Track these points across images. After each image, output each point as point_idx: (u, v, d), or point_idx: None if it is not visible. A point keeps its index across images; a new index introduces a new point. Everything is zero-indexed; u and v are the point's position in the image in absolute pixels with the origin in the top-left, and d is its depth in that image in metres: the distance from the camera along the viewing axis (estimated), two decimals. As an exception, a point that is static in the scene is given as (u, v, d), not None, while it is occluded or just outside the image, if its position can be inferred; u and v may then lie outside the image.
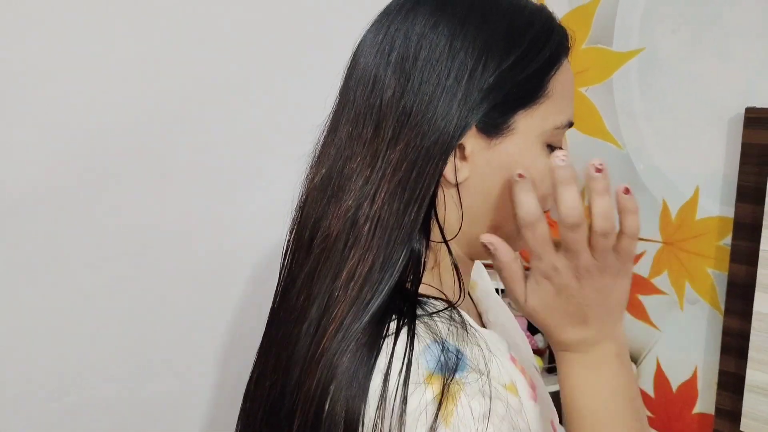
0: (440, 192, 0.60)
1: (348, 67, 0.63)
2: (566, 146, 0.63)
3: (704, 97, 1.35)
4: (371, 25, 0.62)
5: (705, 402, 1.43)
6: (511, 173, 0.56)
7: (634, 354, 1.54)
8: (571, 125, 0.62)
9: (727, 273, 1.34)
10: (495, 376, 0.53)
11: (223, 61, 1.12)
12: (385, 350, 0.53)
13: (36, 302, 0.98)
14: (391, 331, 0.54)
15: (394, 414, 0.50)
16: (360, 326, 0.54)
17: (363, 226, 0.56)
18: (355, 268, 0.56)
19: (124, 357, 1.09)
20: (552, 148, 0.60)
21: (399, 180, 0.56)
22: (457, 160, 0.58)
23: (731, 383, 1.35)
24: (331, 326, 0.55)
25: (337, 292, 0.56)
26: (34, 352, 1.00)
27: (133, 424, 1.11)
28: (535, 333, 1.68)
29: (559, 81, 0.60)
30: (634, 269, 1.50)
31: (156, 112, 1.05)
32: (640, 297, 1.51)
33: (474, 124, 0.57)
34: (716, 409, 1.38)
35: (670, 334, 1.48)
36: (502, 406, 0.52)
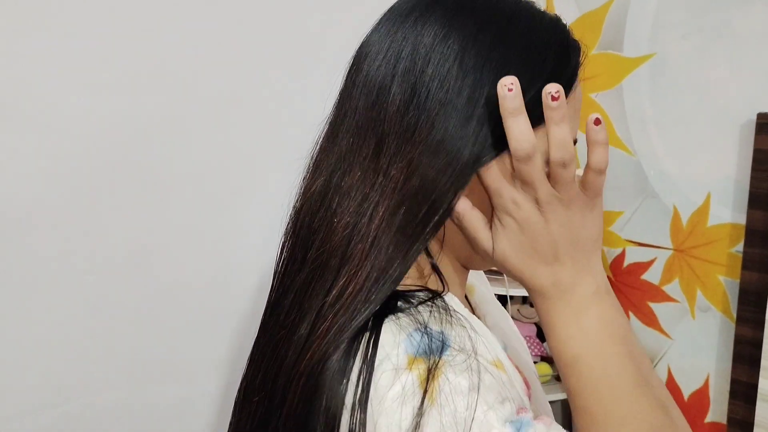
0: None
1: (351, 70, 0.60)
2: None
3: (715, 103, 1.34)
4: (377, 25, 0.60)
5: (717, 411, 1.42)
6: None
7: (645, 362, 1.53)
8: (575, 143, 0.60)
9: (738, 280, 1.33)
10: (481, 353, 0.52)
11: (220, 71, 1.11)
12: (361, 349, 0.52)
13: (37, 310, 0.98)
14: (383, 338, 0.53)
15: (373, 405, 0.50)
16: (344, 338, 0.53)
17: (357, 245, 0.55)
18: (346, 287, 0.54)
19: (125, 364, 1.09)
20: None
21: (400, 201, 0.54)
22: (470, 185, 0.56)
23: (743, 392, 1.33)
24: (315, 343, 0.53)
25: (325, 309, 0.55)
26: (34, 359, 1.00)
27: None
28: (543, 341, 1.67)
29: (572, 100, 0.58)
30: (645, 277, 1.49)
31: (154, 122, 1.05)
32: (651, 304, 1.50)
33: (494, 153, 0.55)
34: (728, 418, 1.36)
35: (682, 342, 1.46)
36: (489, 378, 0.51)
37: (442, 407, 0.48)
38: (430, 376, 0.49)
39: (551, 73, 0.56)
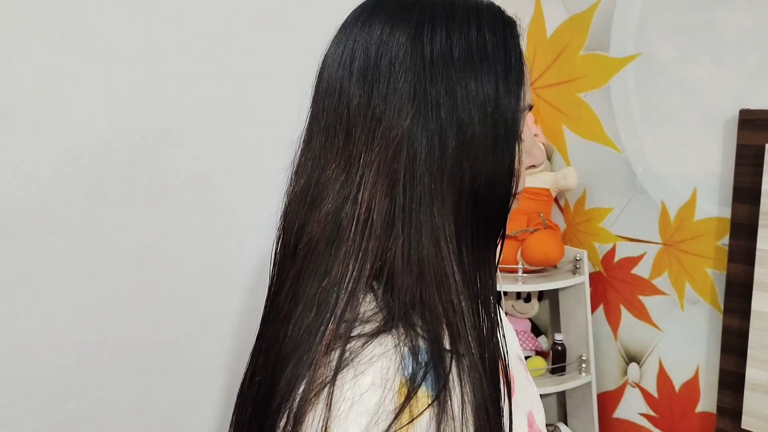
0: None
1: (316, 82, 0.65)
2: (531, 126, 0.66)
3: (699, 101, 1.38)
4: (331, 40, 0.65)
5: (707, 401, 1.45)
6: None
7: (637, 354, 1.56)
8: (531, 108, 0.65)
9: (725, 272, 1.36)
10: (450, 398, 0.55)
11: (219, 79, 1.15)
12: (368, 355, 0.55)
13: (43, 309, 1.01)
14: (380, 339, 0.55)
15: (342, 409, 0.53)
16: (350, 326, 0.56)
17: (348, 227, 0.58)
18: (346, 267, 0.57)
19: (132, 361, 1.11)
20: None
21: (384, 179, 0.58)
22: None
23: (732, 381, 1.37)
24: (323, 326, 0.56)
25: (326, 293, 0.58)
26: (42, 357, 1.02)
27: (136, 429, 1.14)
28: (538, 335, 1.71)
29: (526, 67, 0.64)
30: (635, 271, 1.53)
31: (156, 128, 1.08)
32: (641, 298, 1.54)
33: None
34: (718, 407, 1.40)
35: (672, 334, 1.50)
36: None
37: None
38: (404, 405, 0.52)
39: (497, 50, 0.61)
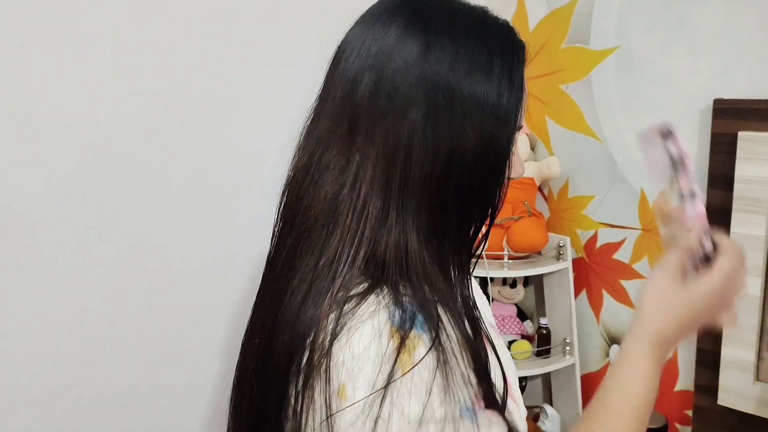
0: None
1: (331, 65, 0.70)
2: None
3: (676, 91, 1.44)
4: (354, 26, 0.69)
5: (685, 379, 1.52)
6: None
7: (619, 336, 1.63)
8: (520, 129, 0.70)
9: (701, 256, 1.42)
10: (445, 330, 0.61)
11: (216, 75, 1.17)
12: (359, 316, 0.60)
13: (46, 302, 1.03)
14: (368, 300, 0.61)
15: (345, 357, 0.59)
16: (345, 295, 0.62)
17: (344, 212, 0.64)
18: (342, 250, 0.63)
19: (132, 351, 1.14)
20: None
21: (381, 173, 0.63)
22: None
23: (708, 360, 1.43)
24: (320, 298, 0.62)
25: (322, 270, 0.63)
26: (45, 348, 1.04)
27: (136, 418, 1.17)
28: (524, 319, 1.76)
29: (526, 91, 0.69)
30: (616, 256, 1.59)
31: (155, 123, 1.11)
32: (622, 282, 1.59)
33: None
34: (695, 385, 1.46)
35: (651, 316, 1.56)
36: (452, 360, 0.60)
37: (410, 378, 0.57)
38: (401, 347, 0.58)
39: (503, 72, 0.66)
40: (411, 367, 0.57)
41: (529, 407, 1.60)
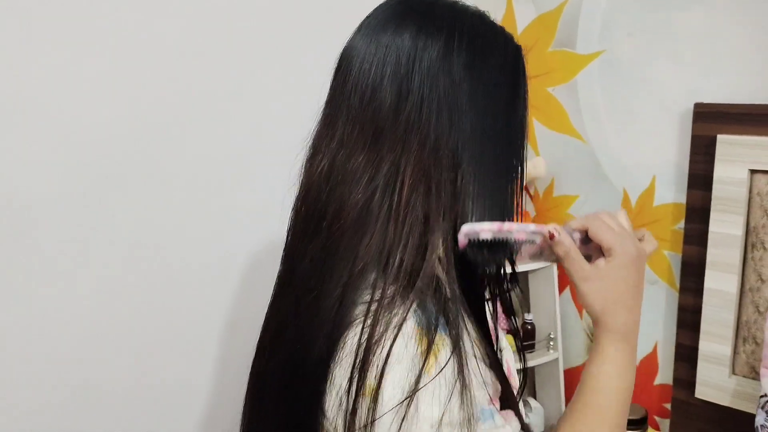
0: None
1: (339, 72, 0.70)
2: None
3: (657, 95, 1.49)
4: (357, 33, 0.70)
5: (664, 373, 1.56)
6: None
7: (601, 332, 1.67)
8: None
9: (681, 254, 1.47)
10: (466, 330, 0.64)
11: (216, 74, 1.19)
12: (390, 323, 0.62)
13: (44, 297, 1.04)
14: (397, 305, 0.62)
15: (377, 359, 0.61)
16: (377, 301, 0.63)
17: (377, 218, 0.64)
18: (374, 255, 0.64)
19: (129, 347, 1.15)
20: None
21: (422, 180, 0.64)
22: None
23: (687, 355, 1.48)
24: (353, 304, 0.63)
25: (355, 275, 0.64)
26: (43, 342, 1.05)
27: (129, 413, 1.18)
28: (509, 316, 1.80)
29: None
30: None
31: (157, 121, 1.12)
32: (604, 279, 1.64)
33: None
34: (674, 379, 1.51)
35: (633, 313, 1.60)
36: (472, 362, 0.63)
37: (437, 380, 0.60)
38: (429, 350, 0.60)
39: (513, 77, 0.69)
40: (437, 370, 0.60)
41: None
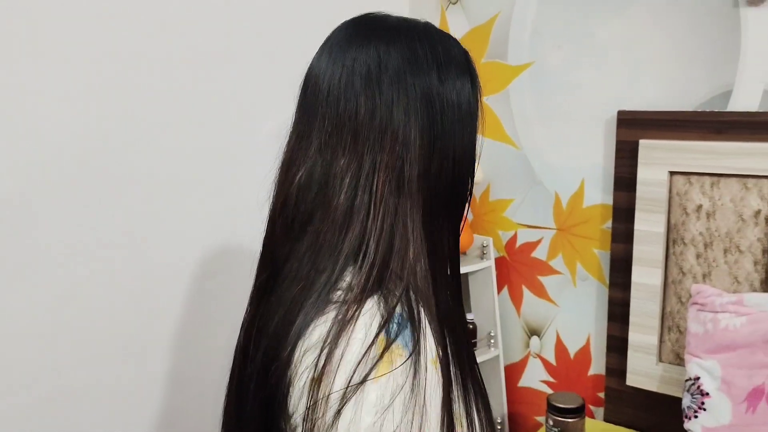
0: None
1: (308, 90, 0.73)
2: None
3: (585, 102, 1.59)
4: (322, 53, 0.74)
5: (597, 364, 1.66)
6: None
7: (538, 328, 1.76)
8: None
9: (609, 252, 1.57)
10: (424, 351, 0.65)
11: (212, 71, 1.22)
12: (356, 316, 0.64)
13: (38, 299, 1.05)
14: (366, 307, 0.65)
15: (334, 358, 0.63)
16: (346, 299, 0.65)
17: (359, 215, 0.67)
18: (357, 249, 0.67)
19: (94, 346, 1.15)
20: None
21: (393, 178, 0.68)
22: None
23: (617, 346, 1.57)
24: (323, 303, 0.66)
25: (339, 273, 0.67)
26: (36, 345, 1.06)
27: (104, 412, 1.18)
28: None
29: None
30: (534, 254, 1.72)
31: (145, 121, 1.15)
32: (540, 278, 1.73)
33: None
34: (606, 369, 1.60)
35: (566, 308, 1.70)
36: (422, 378, 0.64)
37: (382, 384, 0.62)
38: (382, 356, 0.62)
39: (470, 73, 0.75)
40: (385, 372, 0.62)
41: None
